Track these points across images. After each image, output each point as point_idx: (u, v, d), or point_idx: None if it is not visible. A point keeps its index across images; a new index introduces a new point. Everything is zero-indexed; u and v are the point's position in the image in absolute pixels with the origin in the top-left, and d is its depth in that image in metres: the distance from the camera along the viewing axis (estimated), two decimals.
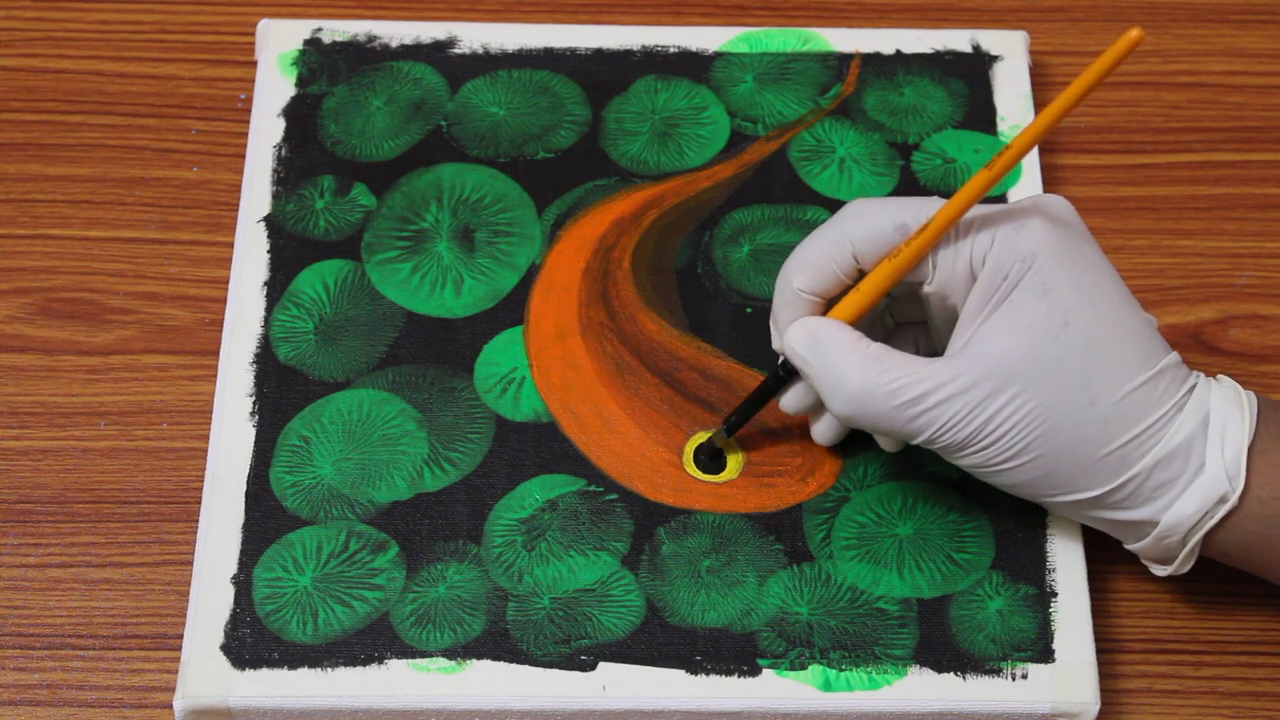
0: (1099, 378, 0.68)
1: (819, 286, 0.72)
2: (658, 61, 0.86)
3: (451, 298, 0.80)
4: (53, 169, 0.85)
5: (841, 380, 0.70)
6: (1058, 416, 0.68)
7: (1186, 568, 0.72)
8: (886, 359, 0.70)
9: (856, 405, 0.70)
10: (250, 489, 0.75)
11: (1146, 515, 0.70)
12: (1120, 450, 0.69)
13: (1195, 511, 0.69)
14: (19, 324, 0.82)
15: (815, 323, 0.71)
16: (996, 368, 0.68)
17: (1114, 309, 0.69)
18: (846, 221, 0.71)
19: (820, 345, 0.71)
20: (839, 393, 0.70)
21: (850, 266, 0.71)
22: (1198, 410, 0.69)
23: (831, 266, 0.71)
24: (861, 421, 0.70)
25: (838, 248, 0.71)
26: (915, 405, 0.69)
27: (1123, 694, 0.75)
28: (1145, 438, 0.69)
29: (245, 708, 0.71)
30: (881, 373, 0.69)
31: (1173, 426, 0.69)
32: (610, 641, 0.73)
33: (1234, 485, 0.69)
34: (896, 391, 0.69)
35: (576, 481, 0.76)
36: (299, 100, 0.85)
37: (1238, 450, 0.69)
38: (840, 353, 0.70)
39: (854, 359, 0.70)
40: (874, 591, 0.74)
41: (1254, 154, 0.87)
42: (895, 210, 0.71)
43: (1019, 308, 0.69)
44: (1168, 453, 0.69)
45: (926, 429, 0.69)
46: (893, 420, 0.70)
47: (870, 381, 0.69)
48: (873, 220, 0.71)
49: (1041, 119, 0.68)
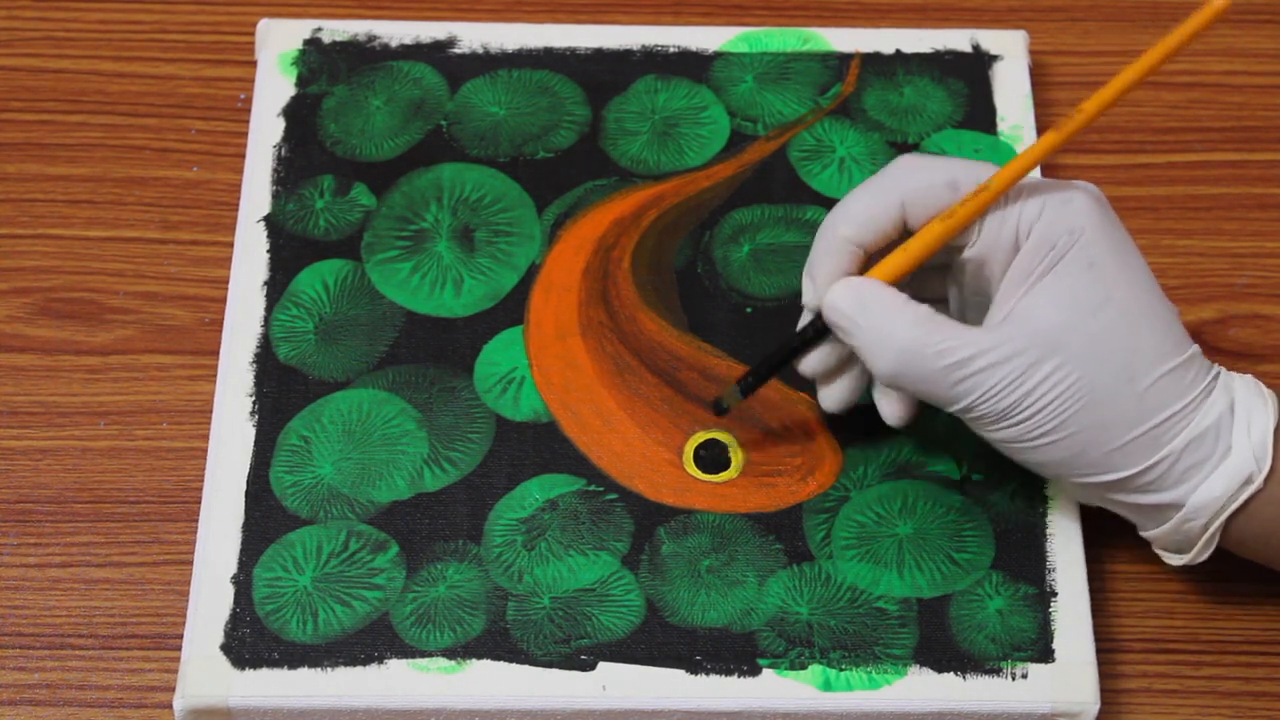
0: (1138, 357, 0.68)
1: (865, 238, 0.71)
2: (658, 61, 0.86)
3: (451, 298, 0.80)
4: (53, 169, 0.85)
5: (889, 339, 0.69)
6: (1098, 392, 0.68)
7: (1204, 556, 0.71)
8: (934, 320, 0.69)
9: (903, 364, 0.69)
10: (250, 489, 0.75)
11: (1172, 498, 0.70)
12: (1153, 431, 0.69)
13: (1223, 493, 0.69)
14: (19, 324, 0.82)
15: (860, 282, 0.71)
16: (1042, 337, 0.68)
17: (1149, 292, 0.70)
18: (899, 175, 0.71)
19: (867, 304, 0.70)
20: (886, 351, 0.69)
21: (898, 219, 0.71)
22: (1225, 396, 0.69)
23: (881, 218, 0.71)
24: (905, 380, 0.70)
25: (889, 199, 0.71)
26: (961, 369, 0.69)
27: (1123, 694, 0.74)
28: (1178, 419, 0.69)
29: (245, 707, 0.71)
30: (929, 332, 0.69)
31: (1203, 410, 0.69)
32: (610, 641, 0.73)
33: (1260, 466, 0.69)
34: (944, 353, 0.69)
35: (576, 481, 0.76)
36: (299, 100, 0.85)
37: (1264, 432, 0.69)
38: (889, 312, 0.70)
39: (903, 317, 0.69)
40: (874, 591, 0.74)
41: (1254, 154, 0.87)
42: (948, 167, 0.71)
43: (1064, 279, 0.69)
44: (1198, 434, 0.69)
45: (969, 394, 0.69)
46: (936, 383, 0.69)
47: (919, 340, 0.69)
48: (926, 175, 0.71)
49: (1113, 85, 0.68)
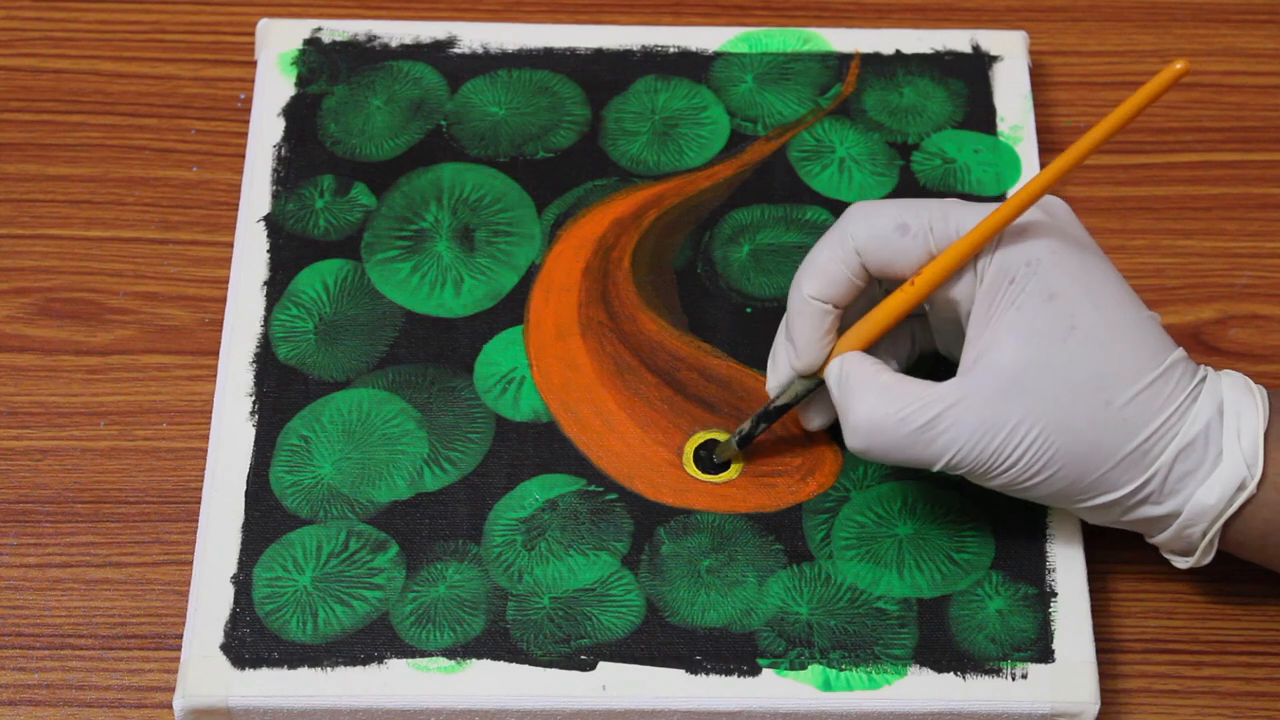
0: (1111, 379, 0.68)
1: (829, 292, 0.72)
2: (658, 61, 0.86)
3: (451, 297, 0.80)
4: (53, 169, 0.85)
5: (850, 416, 0.70)
6: (1075, 422, 0.68)
7: (1207, 559, 0.71)
8: (898, 387, 0.69)
9: (868, 439, 0.70)
10: (250, 489, 0.75)
11: (1170, 509, 0.70)
12: (1141, 447, 0.69)
13: (1217, 501, 0.69)
14: (19, 324, 0.82)
15: (847, 360, 0.71)
16: (1007, 381, 0.68)
17: (1119, 308, 0.69)
18: (848, 224, 0.71)
19: (841, 381, 0.71)
20: (848, 429, 0.70)
21: (858, 268, 0.71)
22: (1211, 400, 0.69)
23: (840, 270, 0.71)
24: (875, 454, 0.70)
25: (843, 250, 0.71)
26: (929, 430, 0.69)
27: (1123, 694, 0.74)
28: (1163, 432, 0.69)
29: (245, 707, 0.71)
30: (890, 401, 0.69)
31: (1189, 418, 0.69)
32: (610, 641, 0.73)
33: (1252, 471, 0.69)
34: (906, 419, 0.69)
35: (576, 481, 0.76)
36: (299, 100, 0.85)
37: (1254, 436, 0.69)
38: (855, 388, 0.70)
39: (868, 391, 0.70)
40: (874, 591, 0.74)
41: (1254, 154, 0.87)
42: (896, 211, 0.71)
43: (1025, 315, 0.69)
44: (1187, 443, 0.69)
45: (945, 453, 0.69)
46: (908, 449, 0.69)
47: (879, 413, 0.69)
48: (874, 221, 0.71)
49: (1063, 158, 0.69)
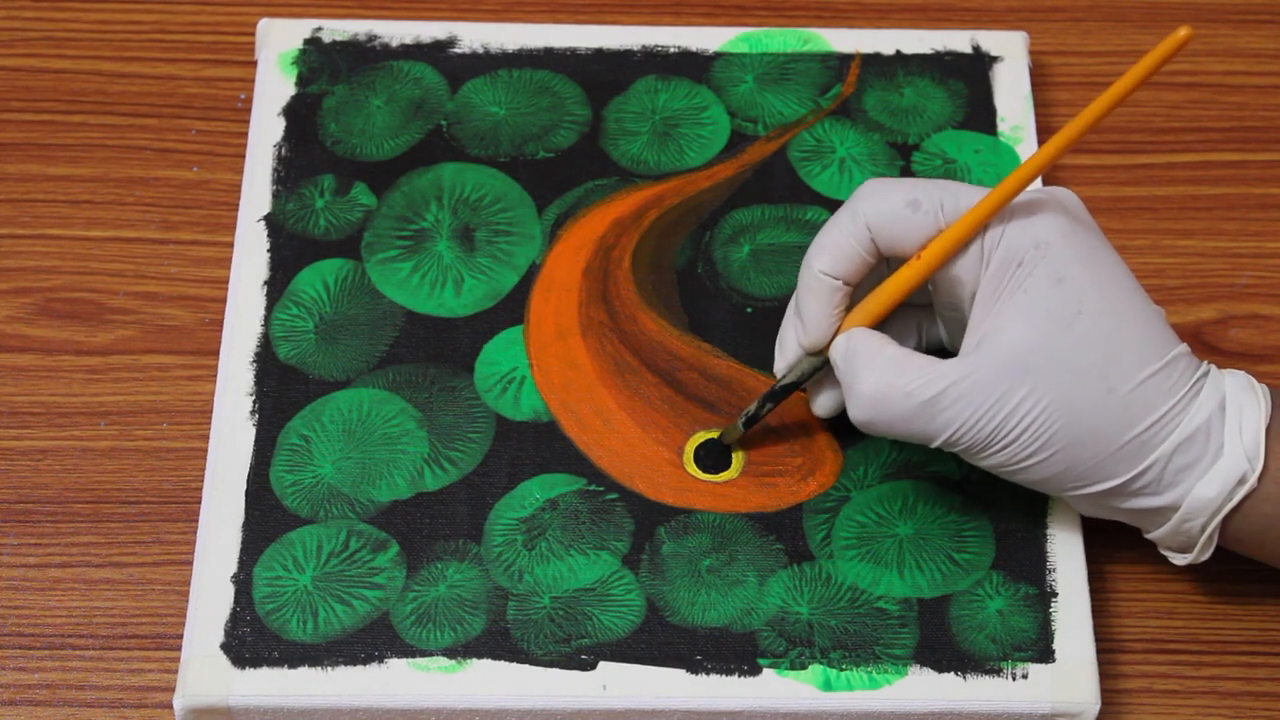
0: (1114, 365, 0.68)
1: (839, 267, 0.72)
2: (658, 61, 0.86)
3: (451, 297, 0.80)
4: (53, 169, 0.85)
5: (855, 388, 0.70)
6: (1076, 406, 0.68)
7: (1205, 555, 0.71)
8: (904, 361, 0.70)
9: (873, 410, 0.70)
10: (250, 488, 0.75)
11: (1168, 501, 0.70)
12: (1140, 436, 0.69)
13: (1217, 495, 0.69)
14: (19, 324, 0.82)
15: (855, 334, 0.72)
16: (1012, 360, 0.68)
17: (1126, 297, 0.70)
18: (859, 201, 0.72)
19: (848, 355, 0.71)
20: (855, 401, 0.70)
21: (869, 245, 0.71)
22: (1213, 395, 0.69)
23: (851, 245, 0.71)
24: (879, 426, 0.70)
25: (854, 226, 0.71)
26: (933, 405, 0.69)
27: (1123, 694, 0.74)
28: (1164, 422, 0.69)
29: (245, 707, 0.71)
30: (898, 374, 0.69)
31: (1190, 410, 0.69)
32: (610, 641, 0.73)
33: (1253, 465, 0.69)
34: (912, 394, 0.69)
35: (577, 481, 0.76)
36: (299, 100, 0.85)
37: (1256, 431, 0.69)
38: (861, 361, 0.70)
39: (873, 365, 0.70)
40: (874, 591, 0.74)
41: (1254, 154, 0.87)
42: (908, 188, 0.71)
43: (1033, 297, 0.69)
44: (1187, 435, 0.69)
45: (946, 429, 0.69)
46: (910, 423, 0.69)
47: (886, 384, 0.69)
48: (885, 197, 0.71)
49: (1068, 130, 0.69)
